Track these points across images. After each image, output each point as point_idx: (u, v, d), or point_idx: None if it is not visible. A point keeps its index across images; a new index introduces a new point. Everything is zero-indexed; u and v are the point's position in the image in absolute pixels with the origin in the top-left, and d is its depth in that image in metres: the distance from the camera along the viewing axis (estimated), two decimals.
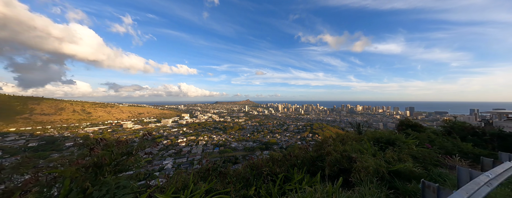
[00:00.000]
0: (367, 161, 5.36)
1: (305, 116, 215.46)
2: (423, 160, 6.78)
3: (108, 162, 3.53)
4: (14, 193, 2.95)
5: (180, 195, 4.24)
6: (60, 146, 76.15)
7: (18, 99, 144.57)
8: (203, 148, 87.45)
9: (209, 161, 6.50)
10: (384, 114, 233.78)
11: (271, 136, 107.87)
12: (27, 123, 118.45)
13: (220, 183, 5.39)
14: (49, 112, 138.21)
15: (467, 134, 11.24)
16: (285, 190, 4.95)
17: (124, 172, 4.02)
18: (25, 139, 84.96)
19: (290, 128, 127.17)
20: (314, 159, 6.74)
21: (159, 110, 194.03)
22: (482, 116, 30.20)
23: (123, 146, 3.99)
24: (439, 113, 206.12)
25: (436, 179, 5.57)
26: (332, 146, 6.77)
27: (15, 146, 74.25)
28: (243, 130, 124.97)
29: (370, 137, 8.90)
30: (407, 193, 4.69)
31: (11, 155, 61.28)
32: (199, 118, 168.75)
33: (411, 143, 7.99)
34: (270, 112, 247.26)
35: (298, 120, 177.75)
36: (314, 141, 9.74)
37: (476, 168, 7.13)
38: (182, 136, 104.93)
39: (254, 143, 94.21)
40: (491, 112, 24.50)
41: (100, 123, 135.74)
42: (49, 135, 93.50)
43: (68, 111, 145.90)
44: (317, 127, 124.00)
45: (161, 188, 4.84)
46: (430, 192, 3.57)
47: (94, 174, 3.42)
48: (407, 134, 9.68)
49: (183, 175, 5.47)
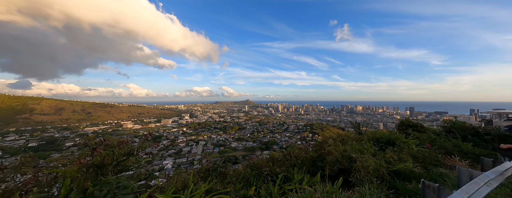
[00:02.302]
0: (367, 161, 5.36)
1: (305, 116, 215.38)
2: (423, 160, 6.78)
3: (109, 162, 3.54)
4: (14, 193, 2.95)
5: (180, 195, 4.24)
6: (60, 146, 76.13)
7: (18, 99, 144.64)
8: (203, 148, 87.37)
9: (209, 161, 6.51)
10: (384, 114, 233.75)
11: (271, 136, 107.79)
12: (27, 123, 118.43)
13: (220, 183, 5.39)
14: (49, 112, 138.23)
15: (467, 134, 11.22)
16: (285, 190, 4.95)
17: (125, 172, 4.02)
18: (25, 139, 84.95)
19: (290, 128, 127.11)
20: (314, 159, 6.74)
21: (159, 110, 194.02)
22: (482, 116, 30.19)
23: (124, 146, 3.99)
24: (439, 113, 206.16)
25: (436, 179, 5.56)
26: (332, 146, 6.77)
27: (15, 146, 74.20)
28: (243, 129, 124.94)
29: (370, 137, 8.90)
30: (407, 193, 4.69)
31: (11, 155, 61.28)
32: (199, 118, 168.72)
33: (411, 143, 7.99)
34: (270, 112, 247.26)
35: (298, 120, 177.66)
36: (314, 141, 9.73)
37: (476, 168, 7.13)
38: (182, 136, 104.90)
39: (254, 143, 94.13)
40: (491, 112, 24.48)
41: (100, 123, 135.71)
42: (49, 135, 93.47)
43: (68, 111, 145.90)
44: (317, 127, 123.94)
45: (161, 188, 4.84)
46: (430, 192, 3.57)
47: (94, 174, 3.42)
48: (407, 134, 9.68)
49: (183, 175, 5.48)
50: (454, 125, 12.00)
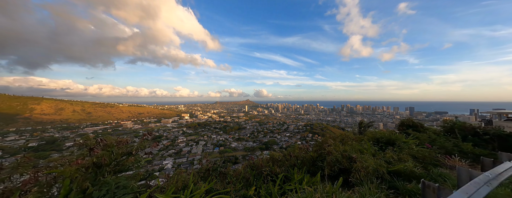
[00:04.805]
0: (367, 161, 5.36)
1: (305, 116, 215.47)
2: (423, 160, 6.79)
3: (108, 162, 3.53)
4: (14, 193, 2.95)
5: (180, 195, 4.23)
6: (60, 146, 76.12)
7: (18, 99, 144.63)
8: (203, 148, 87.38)
9: (209, 161, 6.51)
10: (384, 114, 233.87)
11: (271, 136, 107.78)
12: (27, 123, 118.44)
13: (220, 183, 5.39)
14: (49, 112, 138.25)
15: (467, 134, 11.22)
16: (285, 190, 4.95)
17: (124, 172, 4.02)
18: (25, 139, 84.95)
19: (290, 128, 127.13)
20: (314, 159, 6.74)
21: (159, 110, 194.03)
22: (482, 116, 30.21)
23: (123, 146, 3.99)
24: (439, 113, 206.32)
25: (436, 179, 5.56)
26: (332, 146, 6.77)
27: (15, 146, 74.21)
28: (243, 130, 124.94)
29: (370, 137, 8.90)
30: (407, 193, 4.69)
31: (11, 155, 61.29)
32: (199, 117, 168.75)
33: (411, 143, 8.00)
34: (270, 112, 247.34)
35: (298, 120, 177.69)
36: (314, 141, 9.73)
37: (476, 168, 7.13)
38: (182, 136, 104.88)
39: (254, 143, 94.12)
40: (491, 112, 24.50)
41: (100, 123, 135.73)
42: (49, 135, 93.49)
43: (68, 111, 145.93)
44: (317, 127, 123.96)
45: (161, 188, 4.84)
46: (430, 192, 3.57)
47: (94, 174, 3.42)
48: (407, 134, 9.68)
49: (183, 175, 5.47)
50: (454, 125, 12.00)
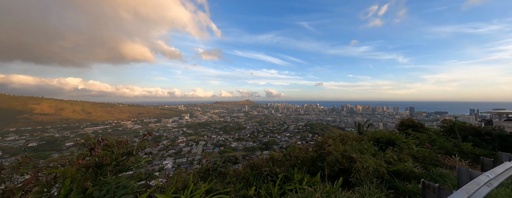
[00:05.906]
0: (367, 161, 5.36)
1: (305, 116, 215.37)
2: (423, 160, 6.79)
3: (108, 162, 3.54)
4: (15, 193, 2.96)
5: (180, 195, 4.24)
6: (60, 146, 76.13)
7: (18, 99, 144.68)
8: (203, 148, 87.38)
9: (209, 161, 6.51)
10: (384, 114, 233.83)
11: (271, 136, 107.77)
12: (27, 123, 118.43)
13: (220, 183, 5.39)
14: (49, 112, 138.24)
15: (467, 134, 11.23)
16: (285, 190, 4.95)
17: (124, 172, 4.02)
18: (25, 139, 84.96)
19: (290, 128, 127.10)
20: (314, 159, 6.74)
21: (159, 110, 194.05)
22: (482, 116, 30.23)
23: (123, 146, 3.99)
24: (439, 113, 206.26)
25: (436, 179, 5.57)
26: (332, 146, 6.77)
27: (15, 146, 74.23)
28: (243, 130, 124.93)
29: (370, 137, 8.91)
30: (407, 193, 4.70)
31: (11, 155, 61.28)
32: (199, 118, 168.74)
33: (411, 143, 8.00)
34: (270, 112, 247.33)
35: (298, 120, 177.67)
36: (314, 141, 9.73)
37: (476, 168, 7.14)
38: (182, 136, 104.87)
39: (254, 143, 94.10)
40: (491, 112, 24.53)
41: (100, 123, 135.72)
42: (49, 135, 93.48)
43: (68, 111, 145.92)
44: (317, 127, 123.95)
45: (161, 188, 4.84)
46: (430, 192, 3.57)
47: (94, 174, 3.42)
48: (407, 134, 9.69)
49: (183, 175, 5.47)
50: (454, 125, 12.01)
